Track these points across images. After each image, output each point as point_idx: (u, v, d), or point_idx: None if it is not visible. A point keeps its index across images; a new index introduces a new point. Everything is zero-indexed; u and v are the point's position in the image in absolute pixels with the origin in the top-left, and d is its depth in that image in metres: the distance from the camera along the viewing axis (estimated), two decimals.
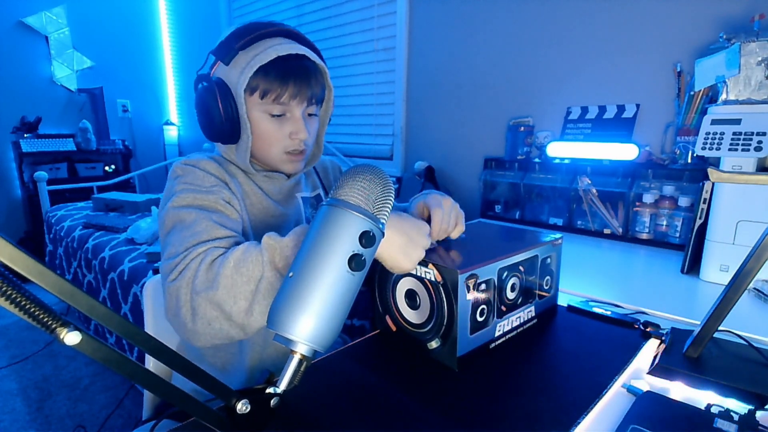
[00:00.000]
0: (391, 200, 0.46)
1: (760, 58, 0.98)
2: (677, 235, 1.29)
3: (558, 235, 0.76)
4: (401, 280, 0.66)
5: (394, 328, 0.69)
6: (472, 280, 0.59)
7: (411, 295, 0.65)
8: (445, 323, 0.60)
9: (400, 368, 0.63)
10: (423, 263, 0.61)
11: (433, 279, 0.60)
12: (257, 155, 0.75)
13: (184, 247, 0.59)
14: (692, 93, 1.31)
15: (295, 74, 0.69)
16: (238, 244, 0.62)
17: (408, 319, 0.66)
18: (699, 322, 0.61)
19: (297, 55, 0.69)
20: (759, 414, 0.47)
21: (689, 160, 1.32)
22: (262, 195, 0.76)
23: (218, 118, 0.68)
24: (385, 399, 0.56)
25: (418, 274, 0.62)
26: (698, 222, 1.05)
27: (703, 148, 1.00)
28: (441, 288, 0.60)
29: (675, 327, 0.71)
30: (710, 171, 0.72)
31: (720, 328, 0.59)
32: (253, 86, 0.68)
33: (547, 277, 0.75)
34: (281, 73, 0.68)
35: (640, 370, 0.62)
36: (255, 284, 0.54)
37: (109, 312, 0.31)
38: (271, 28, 0.69)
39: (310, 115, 0.75)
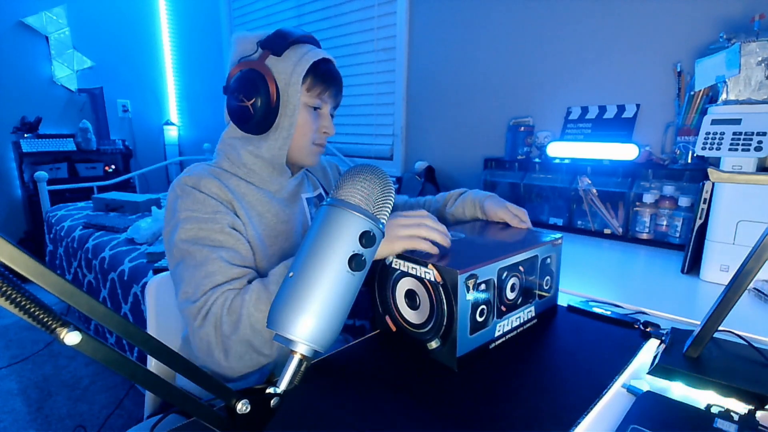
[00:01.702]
0: (391, 200, 0.46)
1: (760, 58, 0.98)
2: (677, 235, 1.29)
3: (558, 235, 0.76)
4: (401, 280, 0.66)
5: (394, 329, 0.69)
6: (472, 281, 0.59)
7: (411, 296, 0.65)
8: (444, 323, 0.60)
9: (400, 368, 0.63)
10: (423, 264, 0.61)
11: (432, 279, 0.60)
12: (290, 146, 0.78)
13: (201, 291, 0.64)
14: (692, 93, 1.31)
15: (334, 77, 0.79)
16: (251, 280, 0.67)
17: (408, 319, 0.66)
18: (699, 322, 0.61)
19: (332, 61, 0.79)
20: (759, 414, 0.47)
21: (689, 160, 1.32)
22: (269, 201, 0.78)
23: (266, 104, 0.71)
24: (385, 399, 0.56)
25: (418, 274, 0.62)
26: (698, 222, 1.05)
27: (703, 148, 1.00)
28: (441, 288, 0.60)
29: (675, 327, 0.71)
30: (710, 171, 0.72)
31: (720, 328, 0.59)
32: (303, 79, 0.74)
33: (547, 277, 0.75)
34: (327, 73, 0.77)
35: (640, 370, 0.62)
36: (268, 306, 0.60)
37: (109, 312, 0.31)
38: (306, 34, 0.76)
39: (331, 115, 0.82)
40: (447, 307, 0.60)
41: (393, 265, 0.66)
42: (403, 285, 0.66)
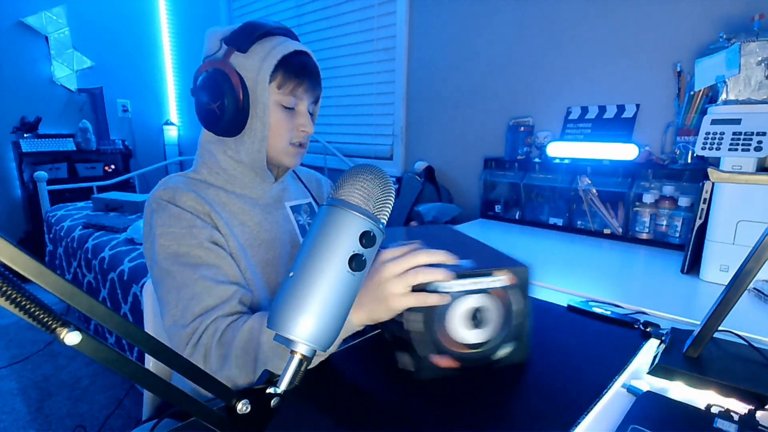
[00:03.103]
0: (391, 200, 0.46)
1: (760, 58, 0.98)
2: (677, 235, 1.29)
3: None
4: (459, 303, 0.57)
5: (457, 365, 0.59)
6: None
7: (474, 316, 0.58)
8: (521, 323, 0.60)
9: (399, 368, 0.63)
10: (487, 273, 0.57)
11: (504, 285, 0.58)
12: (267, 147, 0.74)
13: (191, 315, 0.62)
14: (692, 93, 1.31)
15: (308, 70, 0.73)
16: (241, 300, 0.65)
17: (470, 342, 0.59)
18: (699, 322, 0.61)
19: (306, 53, 0.73)
20: (759, 414, 0.47)
21: (689, 160, 1.32)
22: (251, 210, 0.75)
23: (233, 106, 0.67)
24: (384, 399, 0.56)
25: (484, 286, 0.57)
26: (698, 222, 1.05)
27: (703, 148, 1.00)
28: (514, 289, 0.59)
29: (675, 327, 0.71)
30: (710, 171, 0.72)
31: (720, 328, 0.59)
32: (272, 76, 0.69)
33: None
34: (299, 66, 0.71)
35: (640, 370, 0.62)
36: (254, 356, 0.58)
37: (109, 312, 0.31)
38: (277, 26, 0.71)
39: (310, 113, 0.77)
40: (525, 306, 0.60)
41: (441, 290, 0.55)
42: (463, 307, 0.57)
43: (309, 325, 0.39)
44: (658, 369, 0.60)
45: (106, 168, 3.36)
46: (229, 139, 0.73)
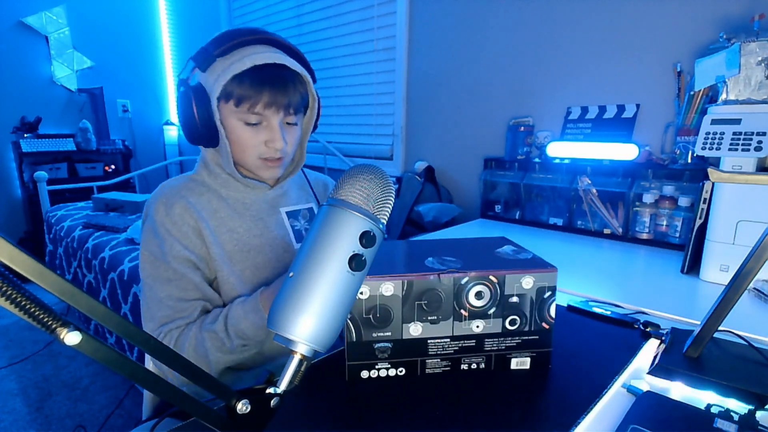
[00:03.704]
0: (391, 200, 0.46)
1: (760, 58, 0.98)
2: (677, 235, 1.29)
3: None
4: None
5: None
6: None
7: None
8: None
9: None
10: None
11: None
12: (236, 160, 0.74)
13: (158, 323, 0.69)
14: (692, 93, 1.31)
15: (270, 83, 0.68)
16: (203, 310, 0.70)
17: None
18: (699, 322, 0.61)
19: (275, 65, 0.68)
20: (759, 414, 0.47)
21: (689, 160, 1.32)
22: (241, 216, 0.76)
23: (193, 123, 0.69)
24: (383, 398, 0.56)
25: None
26: (698, 222, 1.05)
27: (703, 148, 1.00)
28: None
29: (675, 327, 0.71)
30: (710, 171, 0.72)
31: (720, 328, 0.59)
32: (228, 93, 0.68)
33: None
34: (256, 81, 0.67)
35: (640, 370, 0.62)
36: (206, 358, 0.66)
37: (109, 312, 0.31)
38: (250, 36, 0.68)
39: (289, 123, 0.74)
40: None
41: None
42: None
43: (309, 325, 0.39)
44: (658, 369, 0.60)
45: (107, 168, 3.36)
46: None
